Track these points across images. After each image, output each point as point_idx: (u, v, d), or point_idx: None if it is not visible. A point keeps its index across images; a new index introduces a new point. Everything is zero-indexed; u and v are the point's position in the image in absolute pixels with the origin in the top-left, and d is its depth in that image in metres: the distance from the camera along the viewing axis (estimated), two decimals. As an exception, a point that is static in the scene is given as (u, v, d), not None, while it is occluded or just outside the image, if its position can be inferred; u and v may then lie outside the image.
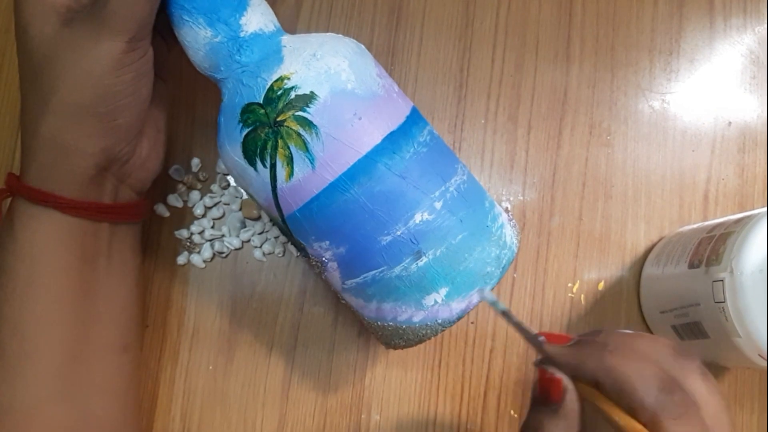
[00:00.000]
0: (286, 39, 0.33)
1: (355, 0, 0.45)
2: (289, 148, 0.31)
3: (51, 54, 0.31)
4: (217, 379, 0.42)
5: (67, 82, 0.31)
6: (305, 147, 0.31)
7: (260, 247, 0.43)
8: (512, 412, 0.42)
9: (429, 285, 0.32)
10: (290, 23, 0.45)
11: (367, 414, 0.42)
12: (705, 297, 0.35)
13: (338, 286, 0.34)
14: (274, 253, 0.43)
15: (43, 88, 0.31)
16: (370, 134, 0.31)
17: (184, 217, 0.43)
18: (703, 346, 0.38)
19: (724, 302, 0.33)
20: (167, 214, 0.43)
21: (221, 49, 0.32)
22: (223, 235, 0.43)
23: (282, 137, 0.31)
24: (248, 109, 0.31)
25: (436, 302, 0.32)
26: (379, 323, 0.34)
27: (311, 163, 0.31)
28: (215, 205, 0.43)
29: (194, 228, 0.43)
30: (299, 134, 0.30)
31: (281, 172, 0.31)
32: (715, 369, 0.43)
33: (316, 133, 0.30)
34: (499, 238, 0.33)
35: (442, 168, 0.33)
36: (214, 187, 0.43)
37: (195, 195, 0.43)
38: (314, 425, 0.42)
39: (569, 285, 0.44)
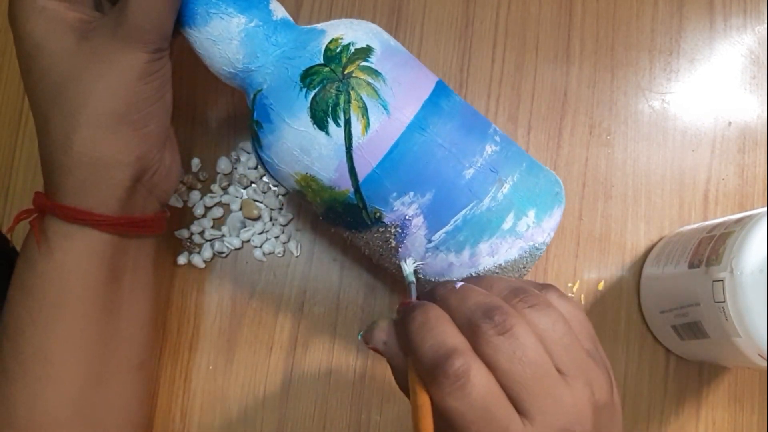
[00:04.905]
0: (310, 26, 0.34)
1: (355, 0, 0.45)
2: (362, 98, 0.31)
3: (75, 67, 0.30)
4: (217, 379, 0.42)
5: (97, 92, 0.30)
6: (377, 94, 0.31)
7: (260, 247, 0.43)
8: (512, 412, 0.42)
9: (518, 210, 0.33)
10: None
11: (367, 414, 0.42)
12: (705, 297, 0.35)
13: (421, 250, 0.33)
14: (274, 253, 0.43)
15: (70, 103, 0.30)
16: (426, 80, 0.33)
17: (184, 217, 0.43)
18: (703, 346, 0.38)
19: (724, 302, 0.33)
20: (167, 214, 0.43)
21: (257, 34, 0.32)
22: (223, 235, 0.43)
23: (353, 89, 0.31)
24: (311, 72, 0.31)
25: (528, 226, 0.33)
26: (473, 275, 0.33)
27: (385, 109, 0.31)
28: (215, 205, 0.43)
29: (194, 228, 0.43)
30: (369, 83, 0.31)
31: (357, 126, 0.31)
32: (715, 369, 0.43)
33: (384, 81, 0.32)
34: (545, 168, 0.36)
35: (481, 115, 0.35)
36: (214, 187, 0.43)
37: (195, 195, 0.43)
38: (314, 425, 0.42)
39: (569, 285, 0.44)
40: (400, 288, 0.43)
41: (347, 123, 0.31)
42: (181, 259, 0.43)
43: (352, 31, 0.33)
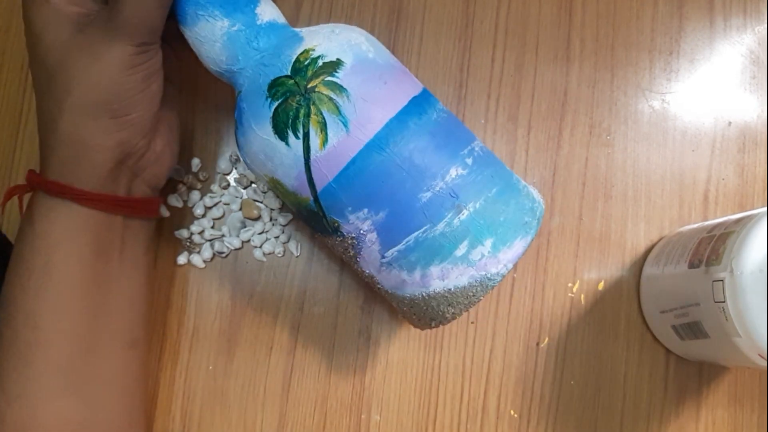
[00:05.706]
0: (298, 29, 0.34)
1: (355, 0, 0.45)
2: (321, 113, 0.31)
3: (65, 58, 0.33)
4: (217, 379, 0.42)
5: (82, 83, 0.32)
6: (338, 111, 0.31)
7: (260, 247, 0.43)
8: (512, 412, 0.42)
9: (474, 238, 0.32)
10: (290, 22, 0.45)
11: (367, 414, 0.42)
12: (705, 297, 0.35)
13: (376, 264, 0.34)
14: (274, 253, 0.43)
15: (58, 91, 0.33)
16: (397, 96, 0.32)
17: (184, 217, 0.43)
18: (703, 346, 0.38)
19: (724, 302, 0.33)
20: (167, 214, 0.43)
21: (239, 38, 0.33)
22: (223, 235, 0.43)
23: (314, 103, 0.31)
24: (276, 83, 0.32)
25: (483, 255, 0.32)
26: (424, 295, 0.33)
27: (345, 126, 0.31)
28: (215, 205, 0.43)
29: (194, 228, 0.43)
30: (331, 98, 0.31)
31: (315, 140, 0.31)
32: (715, 369, 0.43)
33: (347, 97, 0.31)
34: (527, 194, 0.34)
35: (464, 132, 0.34)
36: (214, 187, 0.44)
37: (195, 195, 0.43)
38: (314, 425, 0.42)
39: (569, 285, 0.44)
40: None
41: (306, 136, 0.31)
42: (181, 259, 0.43)
43: (328, 42, 0.32)
